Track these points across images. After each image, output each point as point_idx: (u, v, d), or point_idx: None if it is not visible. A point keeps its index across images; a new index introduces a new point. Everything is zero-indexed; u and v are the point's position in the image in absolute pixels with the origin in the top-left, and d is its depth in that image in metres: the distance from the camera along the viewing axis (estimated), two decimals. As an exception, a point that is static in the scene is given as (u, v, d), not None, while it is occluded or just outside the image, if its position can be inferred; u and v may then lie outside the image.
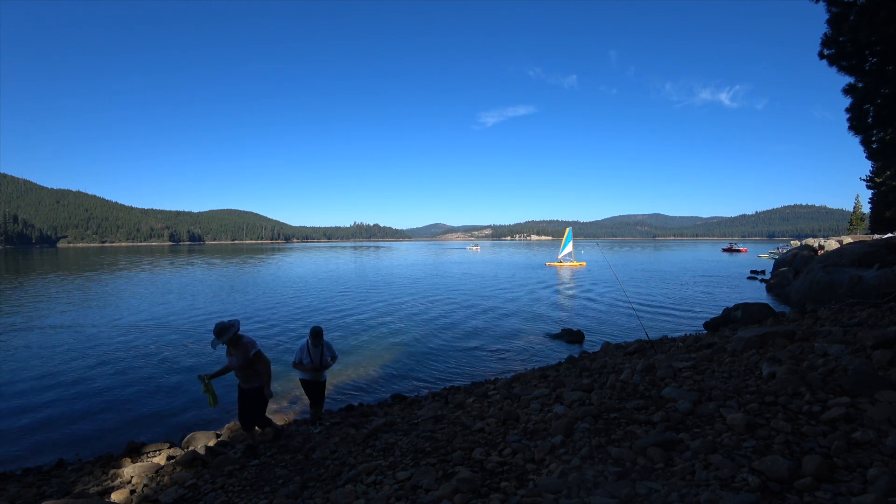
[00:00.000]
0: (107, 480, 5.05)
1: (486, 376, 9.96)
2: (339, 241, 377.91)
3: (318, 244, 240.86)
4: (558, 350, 12.48)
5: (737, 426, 3.50)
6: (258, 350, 5.12)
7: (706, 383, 4.74)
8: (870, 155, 12.14)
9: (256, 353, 5.09)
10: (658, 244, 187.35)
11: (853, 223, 61.42)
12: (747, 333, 6.74)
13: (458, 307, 20.74)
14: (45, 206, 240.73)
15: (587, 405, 4.68)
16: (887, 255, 17.08)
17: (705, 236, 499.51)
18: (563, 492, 2.98)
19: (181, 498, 4.05)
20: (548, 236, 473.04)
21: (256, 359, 5.10)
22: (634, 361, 7.13)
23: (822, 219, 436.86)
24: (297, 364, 6.17)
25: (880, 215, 33.11)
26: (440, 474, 3.71)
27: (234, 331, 5.02)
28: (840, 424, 3.33)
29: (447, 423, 5.28)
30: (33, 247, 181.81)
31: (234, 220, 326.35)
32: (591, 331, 14.88)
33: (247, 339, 5.12)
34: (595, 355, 10.16)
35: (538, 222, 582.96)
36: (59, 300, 23.62)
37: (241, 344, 5.08)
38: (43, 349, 12.96)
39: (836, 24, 8.81)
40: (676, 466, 3.12)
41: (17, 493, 4.85)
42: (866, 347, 4.98)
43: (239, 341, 5.09)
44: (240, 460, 4.99)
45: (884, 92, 9.29)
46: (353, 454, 4.75)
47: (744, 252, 79.43)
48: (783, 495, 2.59)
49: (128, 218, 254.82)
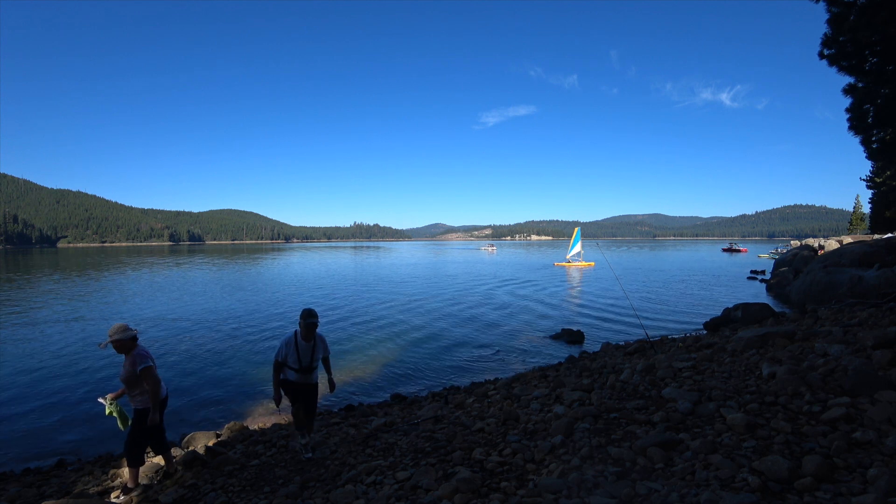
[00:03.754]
0: (107, 480, 5.05)
1: (486, 376, 9.96)
2: (338, 241, 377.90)
3: (318, 244, 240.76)
4: (558, 350, 12.48)
5: (737, 426, 3.49)
6: (148, 366, 4.30)
7: (706, 383, 4.74)
8: (870, 155, 12.14)
9: (144, 368, 4.27)
10: (658, 244, 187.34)
11: (853, 223, 61.38)
12: (747, 333, 6.74)
13: (458, 308, 20.74)
14: (45, 206, 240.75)
15: (587, 405, 4.68)
16: (887, 255, 17.07)
17: (705, 236, 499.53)
18: (563, 492, 2.98)
19: (181, 498, 4.05)
20: (548, 236, 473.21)
21: (144, 375, 4.28)
22: (634, 361, 7.13)
23: (822, 219, 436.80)
24: (280, 363, 4.81)
25: (880, 215, 33.11)
26: (440, 474, 3.71)
27: (126, 336, 4.30)
28: (840, 424, 3.33)
29: (447, 423, 5.28)
30: (33, 247, 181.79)
31: (234, 220, 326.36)
32: (592, 331, 14.89)
33: (140, 351, 4.36)
34: (595, 355, 10.16)
35: (538, 222, 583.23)
36: (59, 300, 23.62)
37: (130, 353, 4.34)
38: (43, 349, 12.96)
39: (836, 24, 8.81)
40: (676, 466, 3.12)
41: (17, 493, 4.85)
42: (866, 347, 4.98)
43: (129, 350, 4.35)
44: (239, 460, 4.99)
45: (884, 92, 9.29)
46: (353, 454, 4.75)
47: (744, 252, 79.43)
48: (783, 495, 2.59)
49: (128, 218, 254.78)
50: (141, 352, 4.36)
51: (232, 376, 10.45)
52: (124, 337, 4.30)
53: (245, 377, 10.35)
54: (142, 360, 4.29)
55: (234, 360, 11.73)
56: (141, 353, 4.35)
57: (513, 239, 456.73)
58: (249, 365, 11.32)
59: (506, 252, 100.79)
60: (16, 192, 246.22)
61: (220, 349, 12.87)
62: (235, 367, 11.17)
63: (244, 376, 10.41)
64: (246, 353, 12.55)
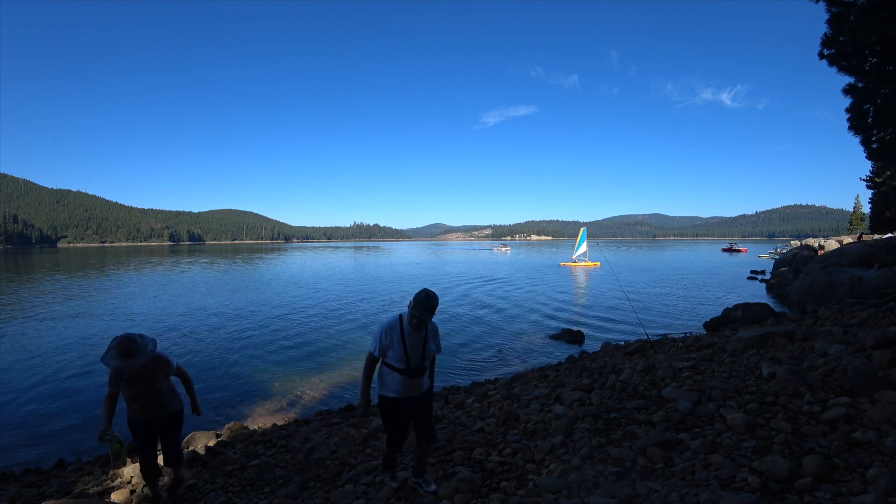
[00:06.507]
0: (107, 480, 5.05)
1: (486, 376, 9.96)
2: (338, 241, 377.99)
3: (318, 244, 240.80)
4: (558, 350, 12.47)
5: (737, 426, 3.50)
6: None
7: (706, 383, 4.74)
8: (870, 155, 12.15)
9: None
10: (658, 244, 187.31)
11: (853, 223, 61.36)
12: (747, 333, 6.74)
13: (460, 308, 20.74)
14: (45, 206, 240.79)
15: (587, 405, 4.68)
16: (887, 255, 17.07)
17: (705, 236, 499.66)
18: (563, 492, 2.98)
19: (181, 498, 4.05)
20: (548, 236, 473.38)
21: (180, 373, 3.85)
22: (634, 361, 7.13)
23: (822, 219, 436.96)
24: (375, 359, 3.30)
25: (880, 215, 33.12)
26: (440, 474, 3.71)
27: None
28: (840, 424, 3.34)
29: (447, 423, 5.28)
30: (33, 247, 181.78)
31: (234, 220, 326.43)
32: (592, 331, 14.88)
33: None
34: (595, 355, 10.15)
35: (538, 222, 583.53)
36: (60, 299, 23.62)
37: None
38: (44, 348, 12.96)
39: (836, 24, 8.81)
40: (676, 466, 3.12)
41: (17, 493, 4.85)
42: (866, 347, 4.98)
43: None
44: (239, 460, 4.98)
45: (884, 92, 9.29)
46: (353, 454, 4.74)
47: (744, 252, 79.40)
48: (783, 495, 2.59)
49: (128, 218, 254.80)
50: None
51: (232, 376, 10.45)
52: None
53: (245, 377, 10.35)
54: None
55: (235, 360, 11.72)
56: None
57: (513, 239, 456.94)
58: (250, 365, 11.32)
59: (520, 252, 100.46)
60: (16, 192, 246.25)
61: (220, 349, 12.87)
62: (236, 366, 11.17)
63: (244, 376, 10.41)
64: (246, 352, 12.54)
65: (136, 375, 3.45)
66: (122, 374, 3.40)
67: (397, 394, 3.24)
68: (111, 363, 3.33)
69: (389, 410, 3.30)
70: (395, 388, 3.23)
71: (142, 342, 3.43)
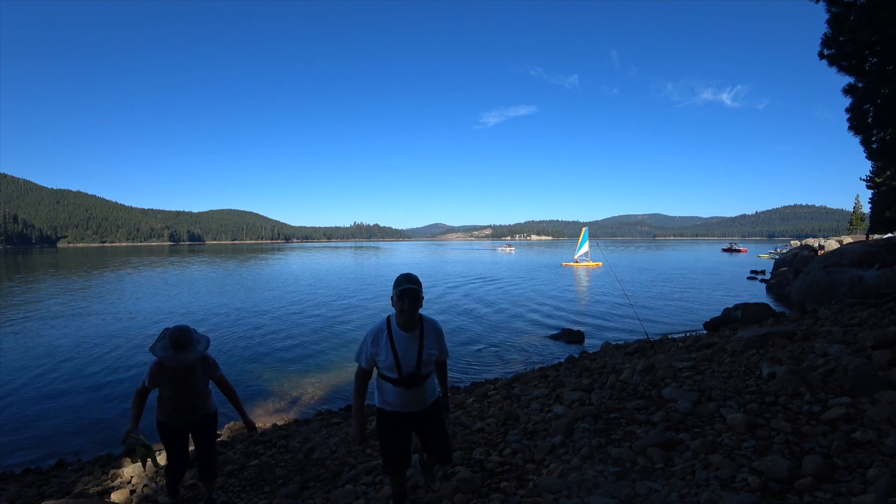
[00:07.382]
0: (107, 480, 5.05)
1: (485, 376, 9.96)
2: (338, 241, 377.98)
3: (318, 244, 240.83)
4: (558, 350, 12.47)
5: (737, 426, 3.50)
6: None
7: (706, 383, 4.74)
8: (870, 155, 12.14)
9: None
10: (658, 244, 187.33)
11: (853, 223, 61.37)
12: (747, 333, 6.74)
13: (460, 307, 20.74)
14: (45, 206, 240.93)
15: (587, 405, 4.67)
16: (887, 255, 17.07)
17: (705, 236, 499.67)
18: (563, 492, 2.98)
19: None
20: (548, 236, 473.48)
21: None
22: (634, 361, 7.12)
23: (822, 219, 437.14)
24: (365, 372, 2.81)
25: (880, 215, 33.10)
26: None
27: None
28: (840, 424, 3.33)
29: (447, 423, 5.28)
30: (33, 247, 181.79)
31: (234, 220, 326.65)
32: (592, 331, 14.88)
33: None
34: (595, 355, 10.15)
35: (538, 222, 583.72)
36: (59, 299, 23.62)
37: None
38: (44, 348, 12.96)
39: (836, 24, 8.81)
40: (676, 466, 3.12)
41: (17, 493, 4.85)
42: (866, 347, 4.98)
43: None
44: (238, 460, 4.98)
45: (884, 92, 9.29)
46: (352, 454, 4.74)
47: (744, 252, 79.40)
48: (783, 495, 2.59)
49: (128, 218, 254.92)
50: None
51: (232, 376, 10.41)
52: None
53: (245, 377, 10.35)
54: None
55: (234, 360, 11.72)
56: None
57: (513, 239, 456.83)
58: (249, 365, 11.32)
59: (524, 252, 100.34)
60: (16, 192, 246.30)
61: (220, 349, 12.86)
62: (235, 366, 11.16)
63: (244, 376, 10.40)
64: (246, 352, 12.55)
65: (180, 372, 3.22)
66: (167, 369, 3.18)
67: (395, 407, 2.76)
68: (160, 353, 3.12)
69: (386, 426, 2.82)
70: (391, 400, 2.76)
71: (196, 337, 3.25)
